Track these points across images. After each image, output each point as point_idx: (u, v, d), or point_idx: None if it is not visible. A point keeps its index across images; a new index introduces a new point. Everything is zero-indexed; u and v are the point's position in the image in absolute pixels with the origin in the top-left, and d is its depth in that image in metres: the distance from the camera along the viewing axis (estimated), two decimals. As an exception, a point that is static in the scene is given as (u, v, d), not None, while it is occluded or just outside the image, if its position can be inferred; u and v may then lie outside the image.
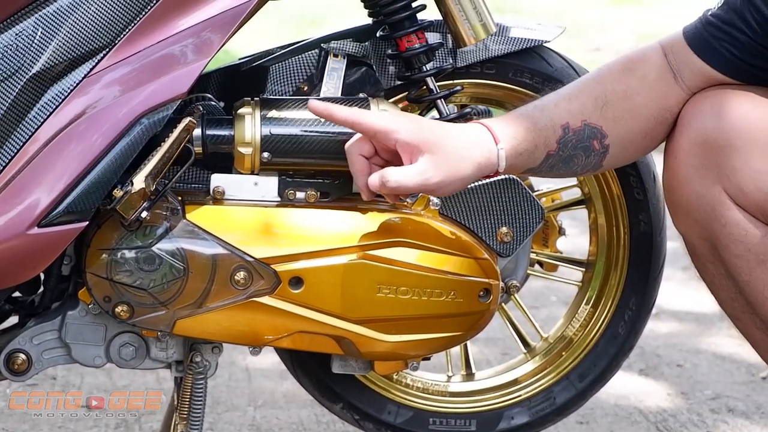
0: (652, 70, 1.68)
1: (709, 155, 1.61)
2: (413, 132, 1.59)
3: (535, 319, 2.02)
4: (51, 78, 1.60)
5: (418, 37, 1.78)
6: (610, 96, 1.66)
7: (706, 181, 1.61)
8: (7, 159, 1.59)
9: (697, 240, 1.67)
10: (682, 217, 1.67)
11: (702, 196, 1.62)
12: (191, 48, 1.63)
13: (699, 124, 1.62)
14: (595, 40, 9.77)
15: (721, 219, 1.61)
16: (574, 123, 1.65)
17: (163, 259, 1.65)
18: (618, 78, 1.68)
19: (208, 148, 1.68)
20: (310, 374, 1.91)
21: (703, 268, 1.70)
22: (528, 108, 1.67)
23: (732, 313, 1.71)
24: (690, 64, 1.66)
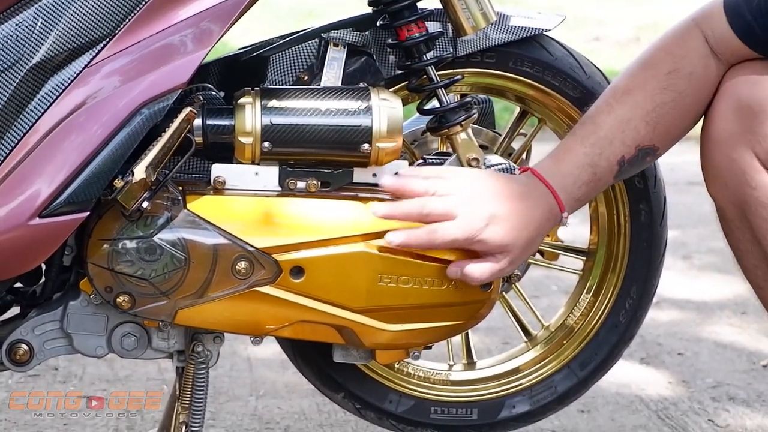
0: (697, 64, 1.69)
1: (742, 121, 1.63)
2: (487, 239, 1.64)
3: (536, 308, 2.02)
4: (51, 69, 1.59)
5: (419, 27, 1.78)
6: (660, 111, 1.69)
7: (739, 146, 1.64)
8: (8, 150, 1.59)
9: (727, 204, 1.69)
10: (715, 180, 1.70)
11: (733, 160, 1.65)
12: (191, 38, 1.62)
13: (734, 90, 1.65)
14: (595, 31, 9.76)
15: (751, 182, 1.64)
16: (628, 153, 1.70)
17: (164, 249, 1.65)
18: (665, 85, 1.69)
19: (208, 138, 1.68)
20: (312, 364, 1.91)
21: (730, 233, 1.73)
22: (589, 151, 1.69)
23: (755, 281, 1.74)
24: (728, 41, 1.68)
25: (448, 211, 1.64)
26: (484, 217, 1.64)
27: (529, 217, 1.66)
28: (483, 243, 1.65)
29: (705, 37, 1.70)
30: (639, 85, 1.71)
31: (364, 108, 1.68)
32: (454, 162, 1.80)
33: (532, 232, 1.67)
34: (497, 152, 1.91)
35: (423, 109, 1.84)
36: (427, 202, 1.65)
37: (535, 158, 1.99)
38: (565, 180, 1.69)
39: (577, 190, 1.70)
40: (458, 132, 1.80)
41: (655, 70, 1.71)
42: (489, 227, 1.64)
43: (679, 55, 1.70)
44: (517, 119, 1.95)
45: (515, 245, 1.65)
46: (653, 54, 1.72)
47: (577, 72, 1.88)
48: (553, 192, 1.68)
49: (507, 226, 1.64)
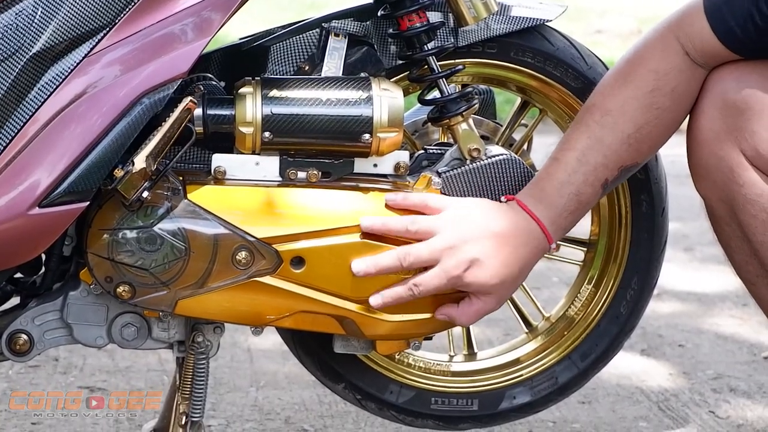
0: (680, 79, 1.68)
1: (728, 118, 1.63)
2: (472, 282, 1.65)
3: (537, 300, 2.02)
4: (51, 58, 1.59)
5: (420, 17, 1.77)
6: (642, 131, 1.69)
7: (726, 144, 1.64)
8: (8, 139, 1.58)
9: (716, 202, 1.69)
10: (702, 179, 1.69)
11: (721, 158, 1.64)
12: (191, 27, 1.62)
13: (720, 89, 1.65)
14: (597, 23, 9.75)
15: (738, 179, 1.64)
16: (611, 175, 1.71)
17: (164, 239, 1.65)
18: (647, 104, 1.68)
19: (209, 127, 1.68)
20: (312, 354, 1.91)
21: (720, 230, 1.73)
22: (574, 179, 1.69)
23: (746, 278, 1.74)
24: (710, 47, 1.66)
25: (428, 261, 1.65)
26: (467, 261, 1.64)
27: (515, 254, 1.67)
28: (467, 286, 1.66)
29: (684, 48, 1.67)
30: (618, 105, 1.69)
31: (365, 98, 1.68)
32: (455, 152, 1.79)
33: (518, 268, 1.68)
34: (498, 143, 1.90)
35: (424, 100, 1.84)
36: (406, 254, 1.65)
37: (536, 148, 1.99)
38: (551, 211, 1.69)
39: (563, 220, 1.70)
40: (459, 122, 1.79)
41: (636, 89, 1.68)
42: (472, 270, 1.65)
43: (661, 72, 1.68)
44: (518, 110, 1.95)
45: (500, 285, 1.67)
46: (629, 69, 1.69)
47: (579, 62, 1.87)
48: (540, 225, 1.69)
49: (492, 267, 1.65)
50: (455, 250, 1.65)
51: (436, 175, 1.76)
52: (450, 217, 1.67)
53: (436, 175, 1.77)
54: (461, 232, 1.66)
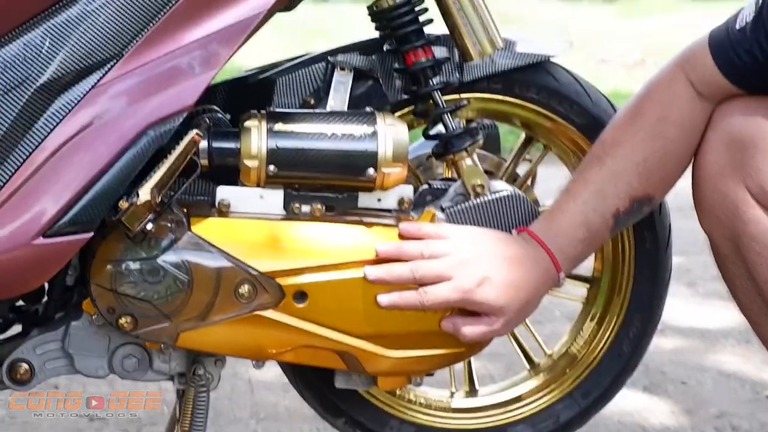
0: (685, 110, 1.69)
1: (734, 155, 1.63)
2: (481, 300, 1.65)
3: (540, 335, 2.01)
4: (58, 88, 1.59)
5: (425, 52, 1.78)
6: (651, 160, 1.69)
7: (731, 180, 1.63)
8: (14, 168, 1.59)
9: (721, 239, 1.69)
10: (707, 215, 1.69)
11: (726, 195, 1.64)
12: (198, 60, 1.62)
13: (726, 124, 1.65)
14: (602, 53, 9.77)
15: (743, 217, 1.63)
16: (623, 206, 1.70)
17: (167, 271, 1.65)
18: (654, 134, 1.69)
19: (214, 160, 1.68)
20: (313, 388, 1.90)
21: (725, 268, 1.73)
22: (583, 209, 1.69)
23: (750, 316, 1.73)
24: (715, 81, 1.67)
25: (440, 274, 1.65)
26: (478, 278, 1.65)
27: (524, 279, 1.66)
28: (477, 304, 1.66)
29: (690, 80, 1.69)
30: (627, 137, 1.70)
31: (370, 133, 1.68)
32: (459, 188, 1.80)
33: (528, 294, 1.67)
34: (502, 178, 1.91)
35: (428, 135, 1.84)
36: (420, 266, 1.66)
37: (540, 183, 1.99)
38: (560, 240, 1.69)
39: (572, 249, 1.70)
40: (464, 158, 1.79)
41: (643, 120, 1.70)
42: (482, 288, 1.65)
43: (666, 102, 1.69)
44: (522, 145, 1.95)
45: (510, 307, 1.66)
46: (639, 104, 1.72)
47: (583, 98, 1.88)
48: (549, 253, 1.69)
49: (502, 287, 1.65)
50: (468, 266, 1.65)
51: (440, 211, 1.76)
52: (463, 240, 1.68)
53: (440, 210, 1.77)
54: (474, 252, 1.67)
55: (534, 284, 1.68)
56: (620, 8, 12.89)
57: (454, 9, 1.78)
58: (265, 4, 1.63)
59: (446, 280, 1.65)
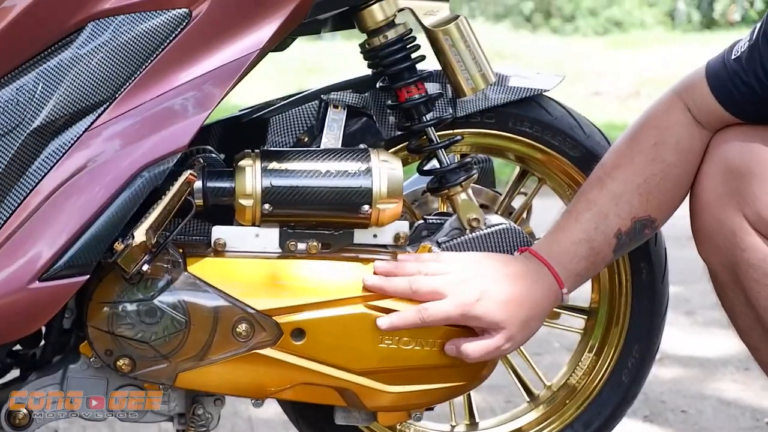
0: (683, 135, 1.70)
1: (731, 182, 1.64)
2: (481, 315, 1.64)
3: (539, 366, 2.01)
4: (52, 132, 1.60)
5: (418, 88, 1.78)
6: (651, 182, 1.70)
7: (728, 208, 1.64)
8: (9, 212, 1.59)
9: (719, 267, 1.70)
10: (705, 243, 1.70)
11: (723, 223, 1.65)
12: (191, 101, 1.63)
13: (722, 152, 1.66)
14: (596, 85, 9.81)
15: (741, 244, 1.64)
16: (624, 226, 1.71)
17: (164, 311, 1.65)
18: (652, 157, 1.70)
19: (209, 200, 1.68)
20: (314, 425, 1.90)
21: (724, 296, 1.74)
22: (584, 227, 1.70)
23: (750, 343, 1.74)
24: (712, 109, 1.69)
25: (436, 290, 1.65)
26: (477, 293, 1.65)
27: (525, 294, 1.66)
28: (477, 319, 1.65)
29: (687, 107, 1.71)
30: (627, 160, 1.72)
31: (364, 169, 1.68)
32: (454, 222, 1.80)
33: (531, 310, 1.67)
34: (497, 211, 1.91)
35: (423, 170, 1.85)
36: (417, 279, 1.66)
37: (535, 216, 1.99)
38: (562, 257, 1.69)
39: (575, 265, 1.70)
40: (458, 192, 1.80)
41: (642, 144, 1.71)
42: (481, 303, 1.64)
43: (663, 127, 1.71)
44: (517, 178, 1.96)
45: (511, 322, 1.66)
46: (638, 129, 1.73)
47: (576, 131, 1.89)
48: (550, 269, 1.69)
49: (502, 302, 1.65)
50: (467, 283, 1.65)
51: (435, 245, 1.77)
52: (461, 260, 1.69)
53: (435, 245, 1.77)
54: (473, 270, 1.67)
55: (536, 300, 1.67)
56: (613, 40, 12.96)
57: (446, 46, 1.79)
58: (257, 45, 1.64)
59: (444, 296, 1.65)
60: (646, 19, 14.35)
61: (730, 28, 13.76)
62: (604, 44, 12.72)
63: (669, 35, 13.48)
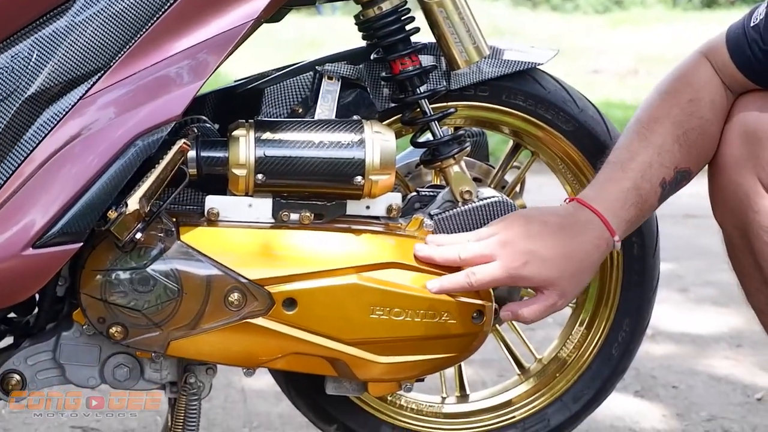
0: (716, 92, 1.72)
1: (747, 146, 1.66)
2: (530, 275, 1.64)
3: (531, 341, 2.02)
4: (47, 100, 1.60)
5: (412, 60, 1.79)
6: (690, 135, 1.71)
7: (743, 171, 1.67)
8: (3, 180, 1.59)
9: (732, 229, 1.71)
10: (720, 205, 1.72)
11: (738, 185, 1.67)
12: (186, 70, 1.63)
13: (741, 117, 1.68)
14: (594, 63, 9.80)
15: (754, 206, 1.66)
16: (668, 175, 1.71)
17: (157, 280, 1.65)
18: (690, 111, 1.71)
19: (202, 169, 1.69)
20: (305, 396, 1.91)
21: (735, 258, 1.75)
22: (631, 175, 1.69)
23: (756, 305, 1.76)
24: (732, 73, 1.71)
25: (485, 254, 1.65)
26: (523, 254, 1.64)
27: (573, 245, 1.65)
28: (526, 279, 1.65)
29: (713, 66, 1.73)
30: (664, 113, 1.72)
31: (358, 141, 1.69)
32: (447, 194, 1.81)
33: (580, 262, 1.66)
34: (491, 185, 1.92)
35: (416, 142, 1.85)
36: (465, 248, 1.66)
37: (529, 190, 2.00)
38: (612, 204, 1.68)
39: (625, 212, 1.69)
40: (451, 165, 1.80)
41: (677, 99, 1.72)
42: (528, 264, 1.64)
43: (698, 84, 1.73)
44: (510, 152, 1.96)
45: (561, 277, 1.65)
46: (671, 85, 1.74)
47: (570, 106, 1.89)
48: (600, 217, 1.67)
49: (549, 260, 1.64)
50: (512, 245, 1.65)
51: (428, 217, 1.77)
52: (506, 222, 1.69)
53: (428, 217, 1.78)
54: (518, 231, 1.66)
55: (585, 249, 1.66)
56: (613, 19, 12.94)
57: (440, 18, 1.79)
58: (252, 14, 1.64)
59: (492, 259, 1.65)
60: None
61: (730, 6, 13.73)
62: (604, 22, 12.69)
63: (669, 13, 13.45)
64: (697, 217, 4.36)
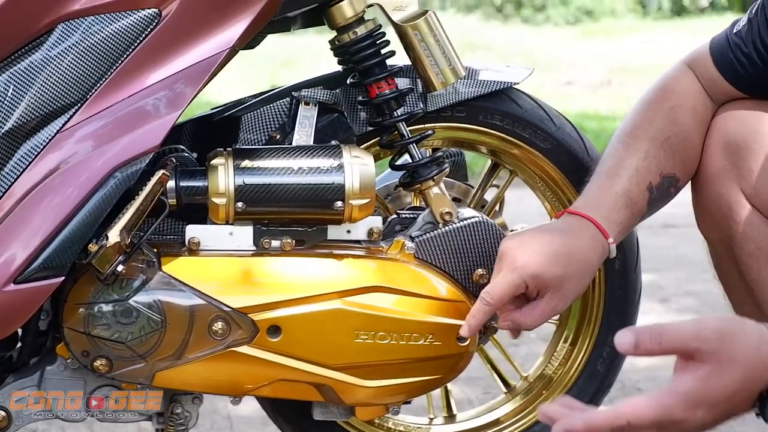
0: (697, 101, 1.73)
1: (729, 156, 1.67)
2: (536, 273, 1.63)
3: (516, 357, 2.02)
4: (24, 134, 1.60)
5: (388, 83, 1.79)
6: (673, 141, 1.71)
7: (726, 181, 1.67)
8: (-18, 216, 1.59)
9: (716, 241, 1.72)
10: (704, 217, 1.73)
11: (721, 196, 1.68)
12: (163, 101, 1.63)
13: (723, 127, 1.69)
14: (567, 74, 9.83)
15: (736, 217, 1.67)
16: (655, 180, 1.71)
17: (140, 311, 1.65)
18: (672, 118, 1.72)
19: (182, 199, 1.69)
20: (292, 422, 1.91)
21: (720, 270, 1.76)
22: (618, 180, 1.70)
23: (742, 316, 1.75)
24: (715, 81, 1.72)
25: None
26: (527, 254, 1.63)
27: (570, 247, 1.65)
28: (536, 277, 1.63)
29: (696, 74, 1.74)
30: (647, 122, 1.73)
31: (336, 166, 1.69)
32: (427, 216, 1.81)
33: (578, 264, 1.65)
34: (470, 205, 1.92)
35: (395, 165, 1.85)
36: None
37: (509, 202, 2.00)
38: (602, 209, 1.68)
39: (617, 215, 1.68)
40: (431, 186, 1.81)
41: (659, 106, 1.73)
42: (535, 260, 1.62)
43: (679, 92, 1.74)
44: (489, 171, 1.97)
45: (562, 277, 1.64)
46: (653, 94, 1.76)
47: (547, 124, 1.90)
48: (592, 221, 1.67)
49: (548, 259, 1.63)
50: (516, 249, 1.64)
51: (409, 240, 1.78)
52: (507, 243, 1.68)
53: (409, 239, 1.78)
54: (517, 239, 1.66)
55: (585, 251, 1.66)
56: (584, 30, 12.99)
57: (415, 40, 1.80)
58: (227, 43, 1.65)
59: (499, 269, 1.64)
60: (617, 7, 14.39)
61: (700, 15, 13.83)
62: (575, 33, 12.75)
63: (640, 23, 13.52)
64: (676, 227, 4.37)
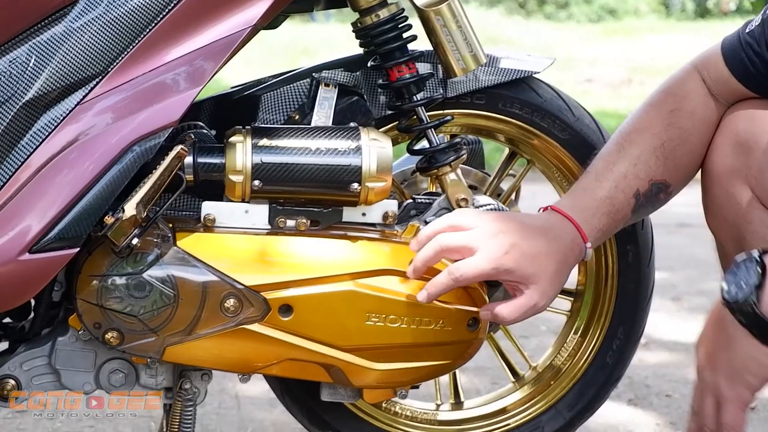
0: (698, 103, 1.73)
1: (739, 156, 1.67)
2: (513, 267, 1.62)
3: (525, 349, 2.02)
4: (44, 105, 1.61)
5: (409, 68, 1.79)
6: (667, 147, 1.72)
7: (736, 181, 1.67)
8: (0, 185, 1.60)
9: (726, 239, 1.72)
10: (714, 216, 1.72)
11: (731, 195, 1.68)
12: (183, 76, 1.64)
13: (733, 126, 1.69)
14: (587, 72, 9.82)
15: (746, 217, 1.66)
16: (643, 187, 1.71)
17: (153, 285, 1.66)
18: (669, 122, 1.72)
19: (199, 175, 1.69)
20: (300, 402, 1.91)
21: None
22: (605, 185, 1.70)
23: None
24: (726, 81, 1.72)
25: (466, 244, 1.64)
26: (506, 246, 1.63)
27: (552, 247, 1.65)
28: (509, 272, 1.63)
29: (703, 79, 1.74)
30: (645, 125, 1.73)
31: (354, 148, 1.69)
32: (443, 202, 1.81)
33: (557, 263, 1.65)
34: (486, 193, 1.92)
35: (413, 150, 1.86)
36: (443, 238, 1.65)
37: (524, 198, 2.00)
38: (584, 212, 1.69)
39: (597, 221, 1.69)
40: (447, 172, 1.81)
41: (659, 109, 1.74)
42: (512, 255, 1.63)
43: (680, 95, 1.73)
44: (506, 160, 1.97)
45: (542, 275, 1.64)
46: (656, 97, 1.76)
47: (566, 114, 1.90)
48: (574, 223, 1.68)
49: (531, 255, 1.63)
50: (495, 237, 1.64)
51: (424, 225, 1.78)
52: (486, 217, 1.67)
53: (424, 224, 1.78)
54: (499, 225, 1.65)
55: (562, 251, 1.66)
56: (607, 28, 12.97)
57: (437, 25, 1.79)
58: (250, 21, 1.65)
59: (473, 251, 1.63)
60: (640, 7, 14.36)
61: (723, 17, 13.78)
62: (597, 31, 12.73)
63: (662, 24, 13.49)
64: (690, 227, 4.37)
